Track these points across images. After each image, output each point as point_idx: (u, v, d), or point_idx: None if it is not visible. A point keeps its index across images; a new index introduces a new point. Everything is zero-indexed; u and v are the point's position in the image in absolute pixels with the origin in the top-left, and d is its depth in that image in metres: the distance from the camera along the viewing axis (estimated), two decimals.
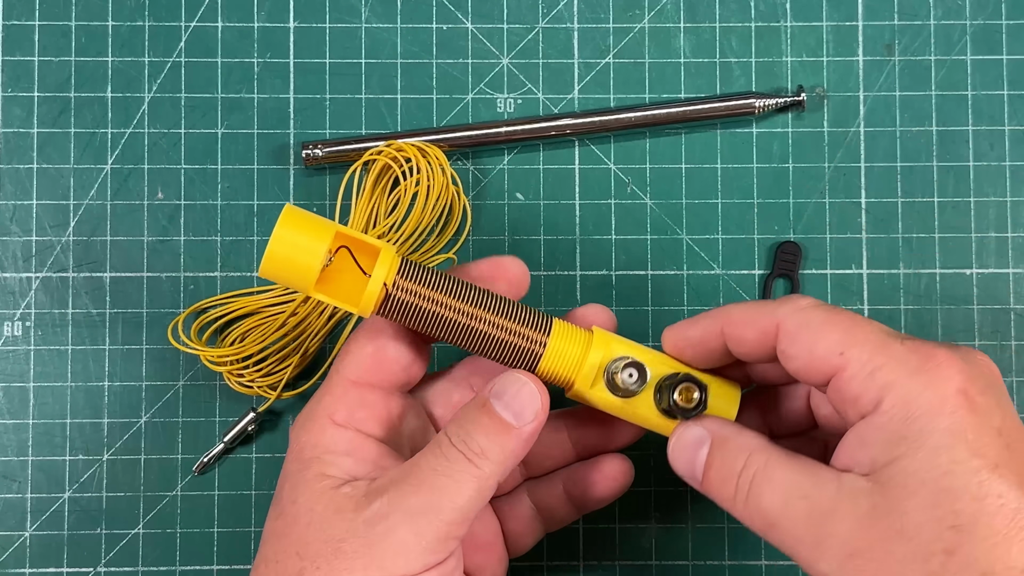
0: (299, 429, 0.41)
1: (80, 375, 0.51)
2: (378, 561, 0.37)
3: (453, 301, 0.39)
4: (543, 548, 0.51)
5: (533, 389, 0.39)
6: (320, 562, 0.37)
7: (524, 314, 0.40)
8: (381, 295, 0.39)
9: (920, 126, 0.52)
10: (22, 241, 0.51)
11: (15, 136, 0.51)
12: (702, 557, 0.51)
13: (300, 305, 0.49)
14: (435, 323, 0.40)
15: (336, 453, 0.40)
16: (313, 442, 0.40)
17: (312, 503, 0.38)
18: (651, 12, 0.53)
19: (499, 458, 0.38)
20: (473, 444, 0.38)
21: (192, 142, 0.52)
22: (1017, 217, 0.52)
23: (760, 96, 0.51)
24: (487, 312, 0.40)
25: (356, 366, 0.41)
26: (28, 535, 0.50)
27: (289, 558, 0.38)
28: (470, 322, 0.40)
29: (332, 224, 0.39)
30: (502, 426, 0.38)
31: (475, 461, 0.38)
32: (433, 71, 0.52)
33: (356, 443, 0.40)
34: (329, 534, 0.38)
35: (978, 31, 0.53)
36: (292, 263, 0.38)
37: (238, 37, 0.52)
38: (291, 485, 0.40)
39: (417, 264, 0.40)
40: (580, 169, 0.52)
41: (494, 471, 0.38)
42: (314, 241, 0.38)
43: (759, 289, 0.52)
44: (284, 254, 0.38)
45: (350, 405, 0.41)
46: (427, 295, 0.39)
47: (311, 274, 0.38)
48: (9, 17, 0.52)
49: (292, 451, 0.41)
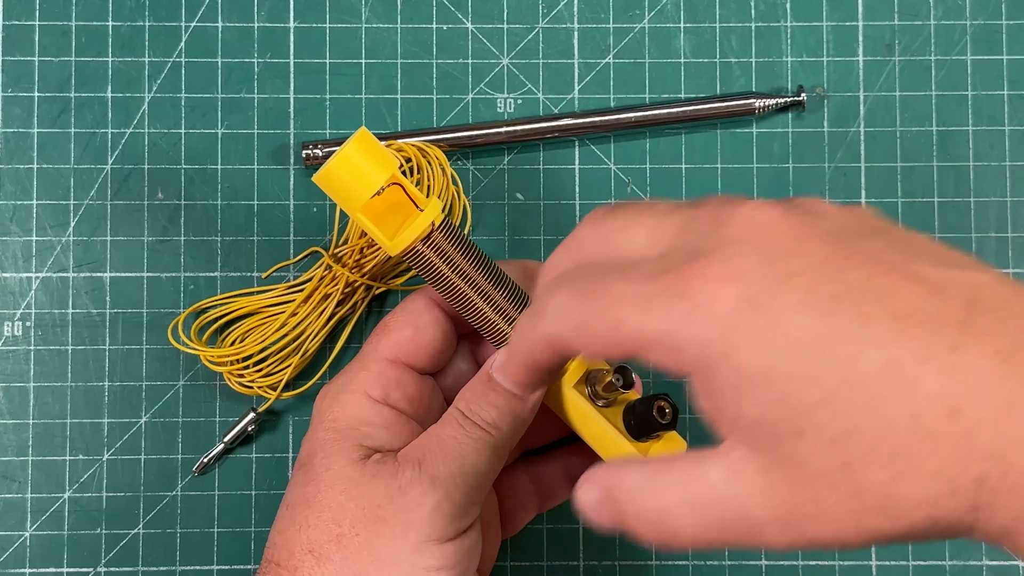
0: (331, 400, 0.42)
1: (80, 375, 0.51)
2: (416, 527, 0.38)
3: (475, 272, 0.42)
4: (543, 548, 0.51)
5: None
6: (359, 527, 0.39)
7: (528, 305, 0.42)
8: (416, 240, 0.41)
9: (920, 126, 0.52)
10: (22, 241, 0.51)
11: (15, 136, 0.52)
12: (702, 557, 0.51)
13: (300, 305, 0.49)
14: (450, 287, 0.42)
15: (374, 425, 0.41)
16: (350, 413, 0.41)
17: (349, 470, 0.40)
18: (651, 12, 0.53)
19: (510, 425, 0.41)
20: (486, 415, 0.40)
21: (192, 142, 0.52)
22: (1017, 217, 0.52)
23: (760, 96, 0.51)
24: (500, 294, 0.42)
25: (395, 346, 0.43)
26: (28, 535, 0.50)
27: (324, 523, 0.39)
28: (480, 298, 0.42)
29: (395, 161, 0.41)
30: (509, 398, 0.41)
31: (489, 431, 0.40)
32: (433, 71, 0.52)
33: (391, 419, 0.42)
34: (368, 500, 0.39)
35: (978, 31, 0.53)
36: (349, 181, 0.40)
37: (238, 37, 0.52)
38: (325, 452, 0.41)
39: (458, 228, 0.42)
40: (580, 169, 0.52)
41: (506, 438, 0.41)
42: (376, 169, 0.40)
43: None
44: (345, 170, 0.40)
45: (387, 383, 0.42)
46: (455, 258, 0.41)
47: (363, 195, 0.40)
48: (9, 17, 0.52)
49: (323, 421, 0.42)
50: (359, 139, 0.40)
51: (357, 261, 0.49)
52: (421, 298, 0.44)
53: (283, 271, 0.51)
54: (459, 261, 0.41)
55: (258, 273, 0.51)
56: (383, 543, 0.39)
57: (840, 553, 0.51)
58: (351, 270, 0.48)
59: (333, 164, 0.40)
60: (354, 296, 0.49)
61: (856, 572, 0.51)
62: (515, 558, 0.51)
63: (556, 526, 0.51)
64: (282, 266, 0.51)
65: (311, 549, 0.39)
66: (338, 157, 0.40)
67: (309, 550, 0.39)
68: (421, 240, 0.41)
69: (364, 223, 0.41)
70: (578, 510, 0.33)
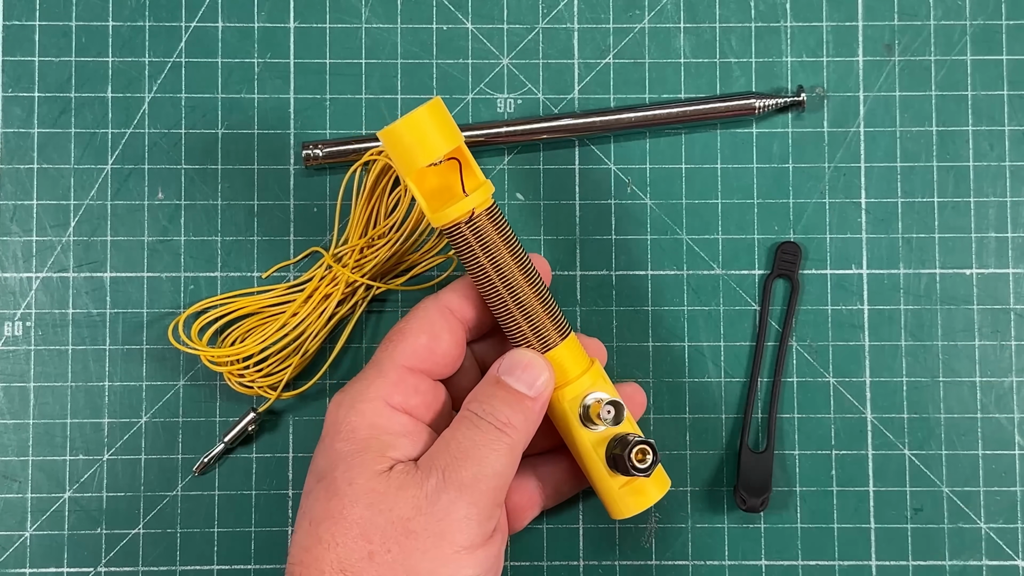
0: (347, 410, 0.41)
1: (80, 375, 0.51)
2: (448, 537, 0.39)
3: (511, 261, 0.42)
4: (543, 548, 0.51)
5: (540, 361, 0.42)
6: (390, 544, 0.38)
7: (555, 310, 0.43)
8: (462, 218, 0.41)
9: (920, 126, 0.52)
10: (22, 241, 0.51)
11: (15, 136, 0.52)
12: (702, 557, 0.51)
13: (300, 305, 0.49)
14: (482, 271, 0.42)
15: (395, 434, 0.41)
16: (369, 422, 0.41)
17: (373, 483, 0.39)
18: (651, 12, 0.53)
19: (523, 425, 0.41)
20: (500, 415, 0.41)
21: (192, 142, 0.52)
22: (1017, 217, 0.52)
23: (760, 96, 0.51)
24: (530, 288, 0.43)
25: (412, 354, 0.43)
26: (28, 535, 0.50)
27: (353, 540, 0.39)
28: (508, 288, 0.42)
29: (460, 137, 0.41)
30: (519, 396, 0.41)
31: (504, 430, 0.40)
32: (433, 71, 0.52)
33: (410, 427, 0.42)
34: (396, 513, 0.39)
35: (978, 31, 0.53)
36: (411, 144, 0.40)
37: (238, 37, 0.52)
38: (347, 466, 0.40)
39: (503, 216, 0.42)
40: (580, 169, 0.52)
41: (520, 437, 0.41)
42: (440, 139, 0.41)
43: (759, 289, 0.52)
44: (410, 133, 0.40)
45: (406, 391, 0.42)
46: (495, 243, 0.42)
47: (419, 161, 0.40)
48: (9, 17, 0.52)
49: (341, 432, 0.41)
50: (432, 106, 0.40)
51: (357, 261, 0.49)
52: (435, 305, 0.43)
53: (283, 271, 0.51)
54: (498, 249, 0.42)
55: (258, 273, 0.51)
56: (417, 558, 0.38)
57: (840, 553, 0.51)
58: (351, 270, 0.48)
59: (400, 123, 0.40)
60: (354, 296, 0.49)
61: (856, 572, 0.51)
62: (515, 558, 0.51)
63: (556, 526, 0.51)
64: (282, 266, 0.51)
65: (342, 568, 0.38)
66: (407, 118, 0.40)
67: (340, 569, 0.38)
68: (465, 220, 0.41)
69: (413, 189, 0.41)
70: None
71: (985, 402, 0.51)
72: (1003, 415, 0.51)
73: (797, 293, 0.51)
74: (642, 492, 0.44)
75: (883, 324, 0.52)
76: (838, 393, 0.51)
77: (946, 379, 0.51)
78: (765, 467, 0.50)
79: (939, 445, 0.51)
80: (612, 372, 0.50)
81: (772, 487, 0.50)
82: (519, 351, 0.42)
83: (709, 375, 0.51)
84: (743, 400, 0.51)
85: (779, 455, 0.51)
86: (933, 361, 0.51)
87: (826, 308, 0.52)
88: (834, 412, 0.51)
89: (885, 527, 0.51)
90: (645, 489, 0.44)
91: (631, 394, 0.47)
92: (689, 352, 0.51)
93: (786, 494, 0.51)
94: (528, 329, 0.43)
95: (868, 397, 0.51)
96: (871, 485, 0.51)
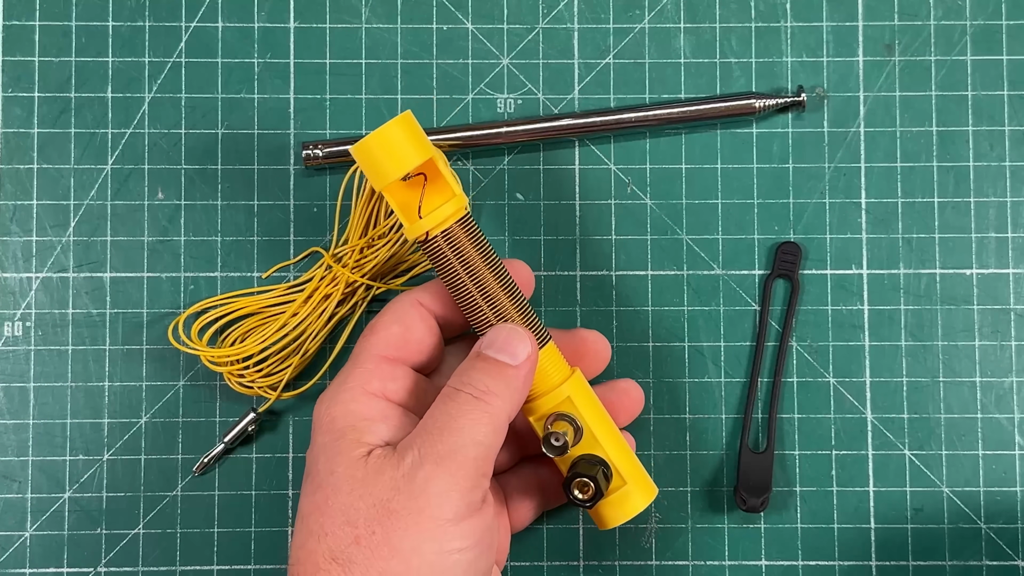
0: (328, 402, 0.42)
1: (80, 375, 0.51)
2: (428, 511, 0.38)
3: (486, 271, 0.42)
4: (543, 548, 0.51)
5: (520, 332, 0.42)
6: (374, 526, 0.39)
7: (532, 318, 0.43)
8: (434, 232, 0.42)
9: (920, 126, 0.52)
10: (22, 241, 0.51)
11: (15, 136, 0.51)
12: (702, 557, 0.51)
13: (300, 305, 0.49)
14: (456, 282, 0.42)
15: (371, 419, 0.41)
16: (345, 411, 0.41)
17: (352, 470, 0.40)
18: (651, 12, 0.53)
19: (504, 394, 0.41)
20: (479, 384, 0.41)
21: (192, 142, 0.52)
22: (1017, 217, 0.52)
23: (760, 96, 0.51)
24: (507, 297, 0.43)
25: (385, 343, 0.43)
26: (28, 535, 0.50)
27: (339, 527, 0.39)
28: (483, 298, 0.42)
29: (432, 150, 0.41)
30: (500, 366, 0.41)
31: (483, 399, 0.40)
32: (433, 71, 0.52)
33: (388, 411, 0.42)
34: (376, 496, 0.39)
35: (978, 31, 0.53)
36: (382, 159, 0.41)
37: (238, 37, 0.52)
38: (327, 457, 0.41)
39: (476, 226, 0.43)
40: (580, 169, 0.52)
41: (502, 407, 0.41)
42: (411, 152, 0.41)
43: (759, 289, 0.52)
44: (380, 147, 0.41)
45: (382, 377, 0.42)
46: (469, 254, 0.42)
47: (393, 174, 0.41)
48: (9, 17, 0.52)
49: (321, 424, 0.42)
50: (401, 120, 0.41)
51: (357, 261, 0.49)
52: (406, 298, 0.44)
53: (283, 271, 0.51)
54: (472, 259, 0.42)
55: (258, 273, 0.51)
56: (399, 535, 0.38)
57: (840, 553, 0.51)
58: (351, 270, 0.48)
59: (370, 138, 0.41)
60: (354, 296, 0.49)
61: (856, 572, 0.51)
62: (515, 558, 0.51)
63: (556, 526, 0.51)
64: (282, 266, 0.51)
65: (334, 557, 0.39)
66: (377, 133, 0.40)
67: (332, 559, 0.39)
68: (440, 232, 0.42)
69: (389, 199, 0.42)
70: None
71: (985, 402, 0.51)
72: (1003, 415, 0.51)
73: (797, 293, 0.51)
74: (626, 502, 0.44)
75: (883, 324, 0.52)
76: (838, 393, 0.51)
77: (946, 379, 0.51)
78: (765, 467, 0.50)
79: (939, 445, 0.51)
80: (612, 372, 0.50)
81: (772, 487, 0.50)
82: (500, 325, 0.42)
83: (709, 375, 0.51)
84: (743, 400, 0.51)
85: (779, 455, 0.51)
86: (933, 361, 0.51)
87: (826, 308, 0.52)
88: (834, 412, 0.51)
89: (885, 527, 0.51)
90: (629, 499, 0.44)
91: (626, 390, 0.47)
92: (689, 352, 0.51)
93: (786, 494, 0.51)
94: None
95: (868, 397, 0.51)
96: (871, 485, 0.51)
